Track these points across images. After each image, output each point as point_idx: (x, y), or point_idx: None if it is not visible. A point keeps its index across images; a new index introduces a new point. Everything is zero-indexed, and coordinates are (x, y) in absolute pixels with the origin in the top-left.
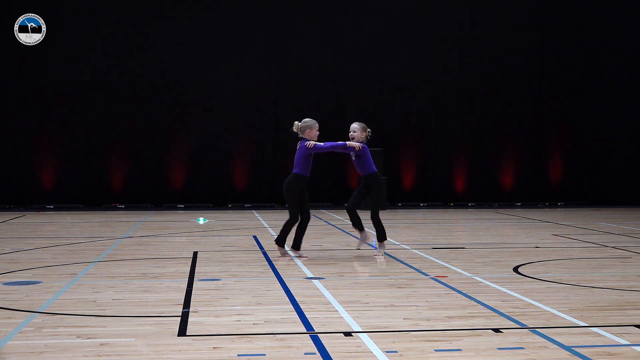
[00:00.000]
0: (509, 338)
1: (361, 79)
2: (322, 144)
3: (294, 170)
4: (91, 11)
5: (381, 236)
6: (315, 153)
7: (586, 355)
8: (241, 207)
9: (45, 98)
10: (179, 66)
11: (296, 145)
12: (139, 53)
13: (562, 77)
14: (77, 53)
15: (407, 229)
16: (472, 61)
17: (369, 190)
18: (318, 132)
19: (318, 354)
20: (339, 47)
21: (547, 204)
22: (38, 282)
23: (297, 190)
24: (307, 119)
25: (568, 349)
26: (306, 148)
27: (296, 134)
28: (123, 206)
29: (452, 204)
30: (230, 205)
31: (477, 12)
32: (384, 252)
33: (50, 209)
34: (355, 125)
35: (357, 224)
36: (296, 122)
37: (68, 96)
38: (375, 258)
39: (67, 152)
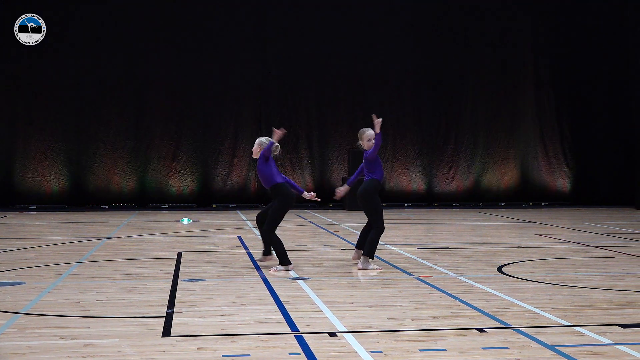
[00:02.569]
0: (493, 338)
1: (346, 80)
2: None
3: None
4: (91, 11)
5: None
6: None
7: (570, 354)
8: (226, 208)
9: (41, 97)
10: (170, 68)
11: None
12: (127, 55)
13: (546, 78)
14: (77, 53)
15: (392, 229)
16: (459, 61)
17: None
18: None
19: (303, 354)
20: (325, 49)
21: (530, 204)
22: (21, 283)
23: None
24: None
25: (552, 348)
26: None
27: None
28: (107, 206)
29: (436, 204)
30: (214, 206)
31: (461, 14)
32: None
33: (33, 210)
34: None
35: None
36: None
37: (62, 96)
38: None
39: (53, 152)
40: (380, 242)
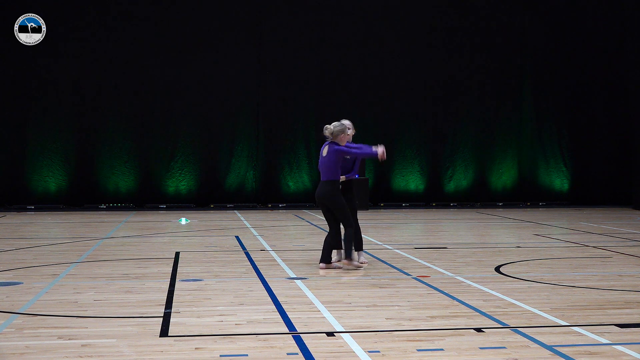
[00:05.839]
0: (491, 337)
1: (343, 80)
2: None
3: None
4: (91, 11)
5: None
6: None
7: (567, 354)
8: (223, 208)
9: (40, 97)
10: (169, 68)
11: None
12: (125, 55)
13: (544, 79)
14: (77, 53)
15: (390, 229)
16: (457, 61)
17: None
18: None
19: (300, 354)
20: (322, 48)
21: (528, 204)
22: (19, 283)
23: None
24: (339, 122)
25: (549, 348)
26: (340, 152)
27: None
28: (104, 206)
29: (434, 204)
30: (212, 206)
31: (458, 14)
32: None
33: (30, 210)
34: (346, 122)
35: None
36: (329, 127)
37: (60, 96)
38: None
39: (51, 152)
40: (377, 242)
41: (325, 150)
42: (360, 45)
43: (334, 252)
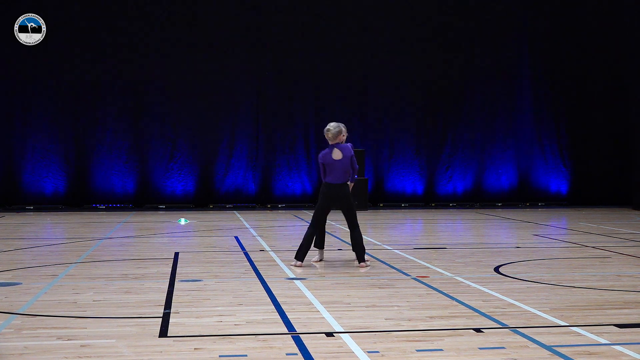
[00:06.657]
0: (490, 338)
1: (343, 80)
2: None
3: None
4: (90, 11)
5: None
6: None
7: (566, 354)
8: (223, 208)
9: (39, 97)
10: (168, 68)
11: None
12: (125, 55)
13: (543, 78)
14: (77, 53)
15: (389, 229)
16: (456, 62)
17: None
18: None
19: (300, 355)
20: (322, 48)
21: (527, 204)
22: (18, 284)
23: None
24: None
25: (549, 348)
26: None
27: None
28: (104, 207)
29: (433, 205)
30: (211, 206)
31: (457, 14)
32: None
33: (30, 210)
34: (343, 129)
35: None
36: (341, 127)
37: (60, 96)
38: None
39: (50, 152)
40: (377, 242)
41: (339, 154)
42: (360, 45)
43: (318, 251)
